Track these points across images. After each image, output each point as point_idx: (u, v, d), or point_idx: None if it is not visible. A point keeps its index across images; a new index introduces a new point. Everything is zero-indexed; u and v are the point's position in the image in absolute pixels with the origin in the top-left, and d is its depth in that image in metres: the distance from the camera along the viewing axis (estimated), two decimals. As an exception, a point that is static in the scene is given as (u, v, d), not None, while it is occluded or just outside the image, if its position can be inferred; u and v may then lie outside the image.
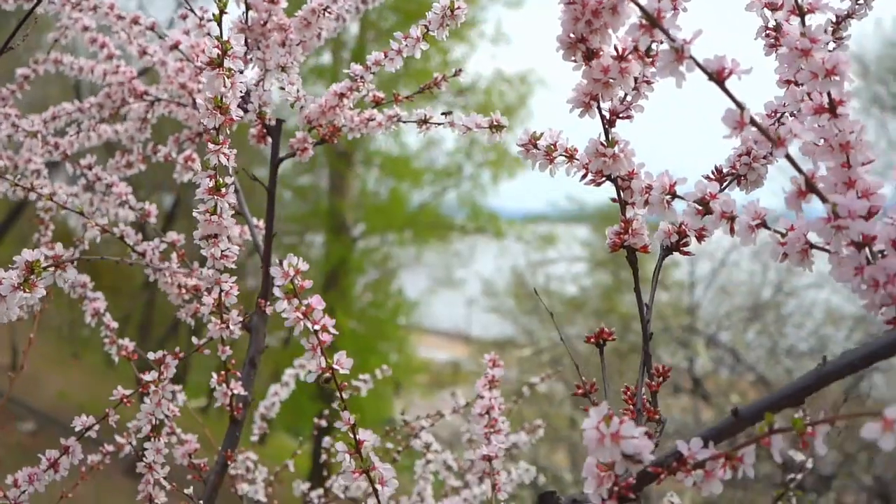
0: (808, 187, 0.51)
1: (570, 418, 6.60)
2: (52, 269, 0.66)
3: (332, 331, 0.62)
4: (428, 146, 11.95)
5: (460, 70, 0.99)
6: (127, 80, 1.18)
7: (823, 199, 0.50)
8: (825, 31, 0.70)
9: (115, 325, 1.09)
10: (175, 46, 1.04)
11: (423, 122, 0.93)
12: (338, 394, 0.63)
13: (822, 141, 0.54)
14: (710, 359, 6.23)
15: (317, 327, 0.61)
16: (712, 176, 0.68)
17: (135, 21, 1.09)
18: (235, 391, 0.95)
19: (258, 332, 1.01)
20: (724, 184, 0.67)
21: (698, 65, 0.49)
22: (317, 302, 0.62)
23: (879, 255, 0.51)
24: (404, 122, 0.96)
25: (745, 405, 0.51)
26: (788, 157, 0.50)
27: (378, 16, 8.71)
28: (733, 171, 0.67)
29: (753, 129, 0.53)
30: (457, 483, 1.39)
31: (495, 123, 0.82)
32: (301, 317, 0.61)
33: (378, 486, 0.63)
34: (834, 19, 0.71)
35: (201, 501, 0.92)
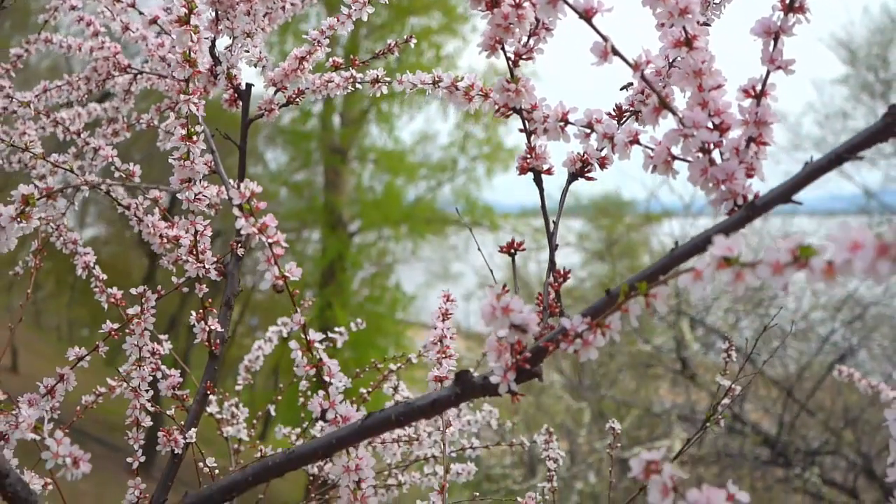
0: (662, 104, 0.61)
1: (566, 409, 6.73)
2: (44, 199, 0.77)
3: (284, 244, 0.73)
4: (422, 141, 12.06)
5: (411, 37, 1.10)
6: (112, 55, 1.29)
7: (674, 114, 0.61)
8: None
9: (104, 276, 1.19)
10: (154, 21, 1.15)
11: (376, 81, 1.04)
12: (291, 301, 0.74)
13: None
14: (698, 342, 6.36)
15: (271, 241, 0.72)
16: (613, 112, 0.78)
17: (117, -1, 1.19)
18: (213, 328, 1.06)
19: (233, 277, 1.11)
20: (624, 118, 0.78)
21: (569, 5, 0.60)
22: (270, 220, 0.73)
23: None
24: (359, 82, 1.07)
25: (615, 286, 0.62)
26: (643, 78, 0.61)
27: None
28: (631, 107, 0.78)
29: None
30: (429, 429, 1.50)
31: (436, 80, 0.93)
32: (257, 232, 0.71)
33: (327, 378, 0.74)
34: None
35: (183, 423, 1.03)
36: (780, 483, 6.19)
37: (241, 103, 1.10)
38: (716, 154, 0.62)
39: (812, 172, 0.56)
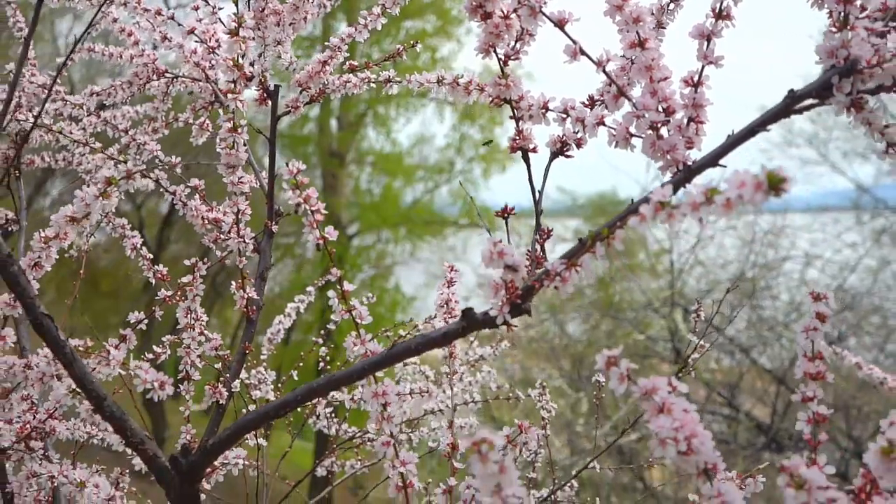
0: (620, 93, 0.79)
1: (570, 406, 6.89)
2: (124, 180, 0.94)
3: (323, 211, 0.90)
4: (419, 143, 12.25)
5: (416, 42, 1.27)
6: (150, 62, 1.46)
7: (629, 100, 0.78)
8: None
9: (150, 256, 1.36)
10: (191, 31, 1.32)
11: (388, 81, 1.22)
12: (328, 256, 0.91)
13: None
14: (690, 331, 6.54)
15: (313, 209, 0.89)
16: (587, 101, 0.95)
17: (158, 13, 1.36)
18: (250, 295, 1.23)
19: (265, 253, 1.28)
20: (596, 106, 0.95)
21: (547, 17, 0.77)
22: (312, 192, 0.90)
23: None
24: (373, 83, 1.24)
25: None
26: (605, 73, 0.78)
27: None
28: (601, 97, 0.95)
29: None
30: (436, 389, 1.67)
31: (440, 78, 1.10)
32: (302, 201, 0.89)
33: (358, 321, 0.92)
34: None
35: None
36: (773, 468, 6.36)
37: (269, 102, 1.27)
38: (664, 131, 0.80)
39: (734, 142, 0.74)
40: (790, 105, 0.72)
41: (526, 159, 0.92)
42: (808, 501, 0.57)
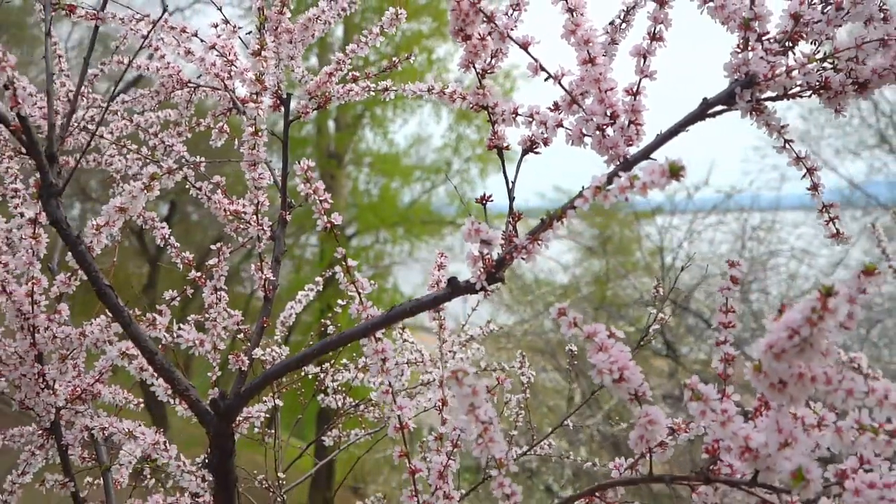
0: (572, 101, 0.98)
1: (566, 400, 7.07)
2: (165, 175, 1.13)
3: (329, 201, 1.08)
4: (416, 144, 12.42)
5: (410, 55, 1.46)
6: (175, 73, 1.64)
7: (580, 106, 0.97)
8: (619, 17, 1.16)
9: (177, 245, 1.55)
10: (213, 46, 1.51)
11: (385, 90, 1.40)
12: (336, 239, 1.10)
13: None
14: (683, 326, 6.74)
15: (321, 198, 1.07)
16: (551, 107, 1.14)
17: (183, 30, 1.55)
18: (267, 276, 1.42)
19: (280, 240, 1.47)
20: (560, 111, 1.14)
21: (513, 39, 0.96)
22: (320, 185, 1.08)
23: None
24: (373, 91, 1.43)
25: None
26: (560, 84, 0.97)
27: (361, 18, 9.19)
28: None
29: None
30: (430, 369, 1.85)
31: (430, 88, 1.29)
32: (311, 192, 1.07)
33: (360, 291, 1.10)
34: (625, 9, 1.17)
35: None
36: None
37: (283, 108, 1.46)
38: (609, 131, 0.98)
39: (659, 141, 0.92)
40: (704, 110, 0.90)
41: (500, 156, 1.10)
42: (704, 410, 0.76)
